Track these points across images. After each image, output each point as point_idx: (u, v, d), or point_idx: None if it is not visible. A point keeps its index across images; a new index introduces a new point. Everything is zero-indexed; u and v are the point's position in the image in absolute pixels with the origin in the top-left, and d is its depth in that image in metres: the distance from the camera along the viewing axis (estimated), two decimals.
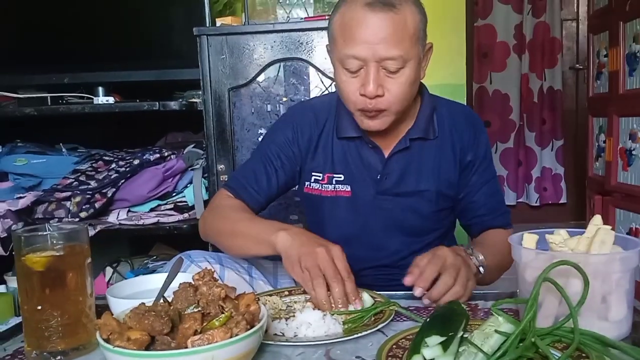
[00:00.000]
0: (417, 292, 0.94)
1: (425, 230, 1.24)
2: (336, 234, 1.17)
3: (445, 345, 0.70)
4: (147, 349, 0.69)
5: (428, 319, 0.78)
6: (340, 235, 1.17)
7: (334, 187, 1.20)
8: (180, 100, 1.89)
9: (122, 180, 1.88)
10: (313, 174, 1.22)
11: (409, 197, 1.19)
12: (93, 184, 1.86)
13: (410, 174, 1.18)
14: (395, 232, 1.22)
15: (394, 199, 1.19)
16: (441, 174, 1.18)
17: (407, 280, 0.95)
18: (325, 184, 1.21)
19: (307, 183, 1.23)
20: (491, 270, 1.10)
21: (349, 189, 1.20)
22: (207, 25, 1.85)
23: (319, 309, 0.90)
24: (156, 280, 0.97)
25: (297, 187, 1.28)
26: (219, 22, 1.84)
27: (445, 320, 0.77)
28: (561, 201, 4.10)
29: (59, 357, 0.81)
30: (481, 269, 1.05)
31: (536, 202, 4.12)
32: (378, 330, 0.85)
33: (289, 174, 1.23)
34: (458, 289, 0.94)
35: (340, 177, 1.20)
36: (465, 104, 1.27)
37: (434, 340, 0.70)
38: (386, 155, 1.18)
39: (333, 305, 0.92)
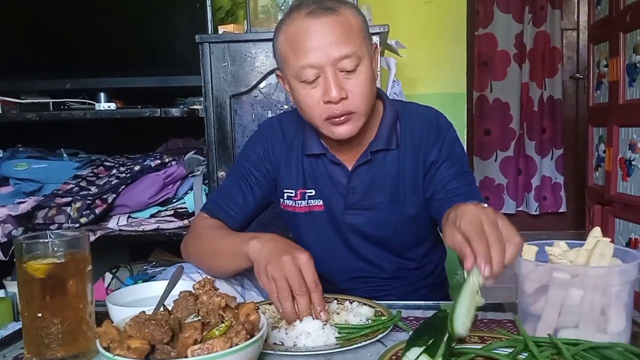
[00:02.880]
0: (487, 271, 0.72)
1: (403, 244, 1.21)
2: (317, 247, 1.15)
3: (431, 353, 0.71)
4: (147, 358, 0.69)
5: (411, 333, 0.79)
6: (322, 249, 1.17)
7: (307, 203, 1.20)
8: (182, 106, 1.90)
9: (123, 186, 1.89)
10: (285, 190, 1.21)
11: (376, 209, 1.17)
12: (94, 189, 1.87)
13: (375, 186, 1.17)
14: (372, 247, 1.20)
15: (363, 213, 1.18)
16: (405, 183, 1.16)
17: (468, 266, 0.75)
18: (298, 200, 1.20)
19: (281, 200, 1.23)
20: None
21: (321, 203, 1.19)
22: (210, 32, 1.85)
23: (316, 319, 0.90)
24: (156, 288, 0.98)
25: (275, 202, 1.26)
26: (221, 29, 1.85)
27: (428, 329, 0.78)
28: (561, 210, 4.11)
29: None
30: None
31: (536, 211, 4.12)
32: (377, 340, 0.85)
33: (265, 190, 1.22)
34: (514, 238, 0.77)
35: (312, 192, 1.19)
36: (433, 107, 1.23)
37: (414, 353, 0.72)
38: (350, 170, 1.17)
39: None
